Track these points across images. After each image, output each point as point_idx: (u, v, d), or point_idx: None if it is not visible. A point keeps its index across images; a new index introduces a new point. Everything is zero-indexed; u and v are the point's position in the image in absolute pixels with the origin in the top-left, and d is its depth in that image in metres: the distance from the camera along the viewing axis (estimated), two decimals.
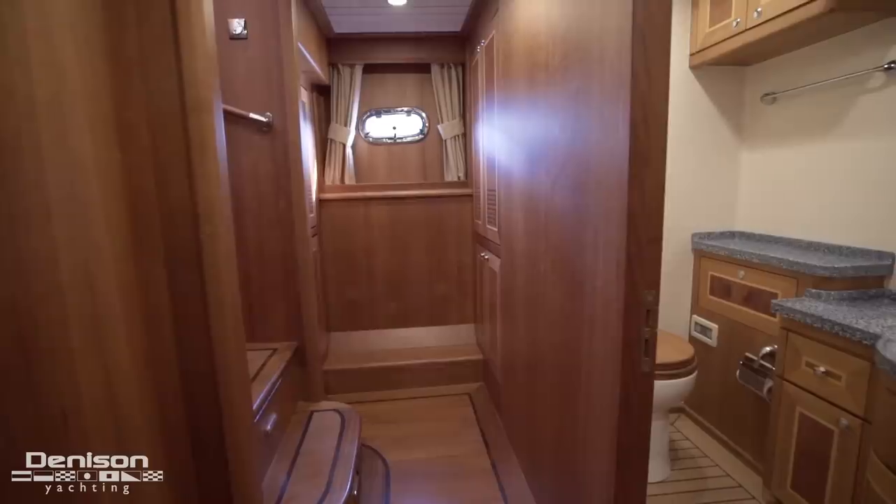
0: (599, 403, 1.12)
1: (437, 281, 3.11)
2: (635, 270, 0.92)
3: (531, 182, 1.60)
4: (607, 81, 0.99)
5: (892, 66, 1.54)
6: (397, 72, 3.06)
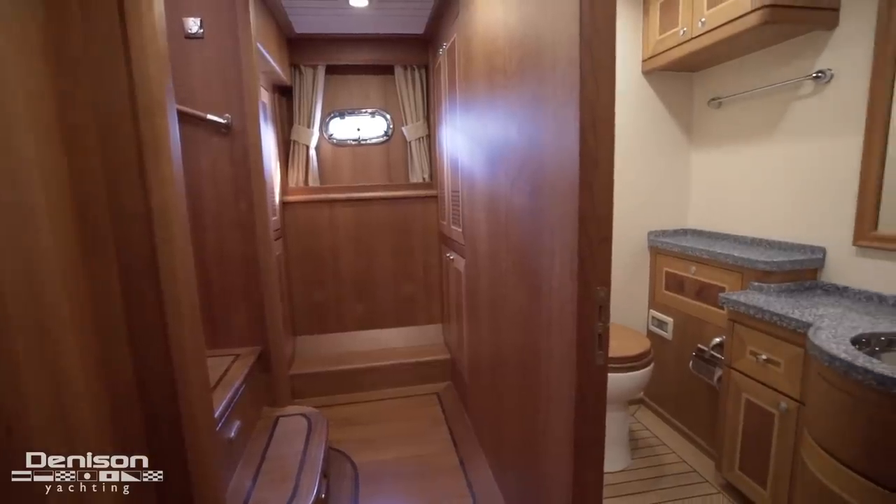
0: (558, 397, 1.16)
1: (403, 282, 3.12)
2: (587, 269, 0.96)
3: (492, 184, 1.64)
4: (559, 87, 1.03)
5: (819, 75, 1.67)
6: (361, 73, 3.05)
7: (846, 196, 1.62)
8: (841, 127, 1.63)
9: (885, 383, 1.01)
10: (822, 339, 1.23)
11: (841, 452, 1.16)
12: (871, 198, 1.54)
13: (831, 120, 1.67)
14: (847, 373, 1.10)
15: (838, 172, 1.65)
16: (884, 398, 1.03)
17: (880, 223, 1.53)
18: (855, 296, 1.61)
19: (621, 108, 2.28)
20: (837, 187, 1.65)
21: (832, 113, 1.66)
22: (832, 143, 1.67)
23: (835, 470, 1.17)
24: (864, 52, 1.54)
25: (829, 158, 1.68)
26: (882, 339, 1.29)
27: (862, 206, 1.57)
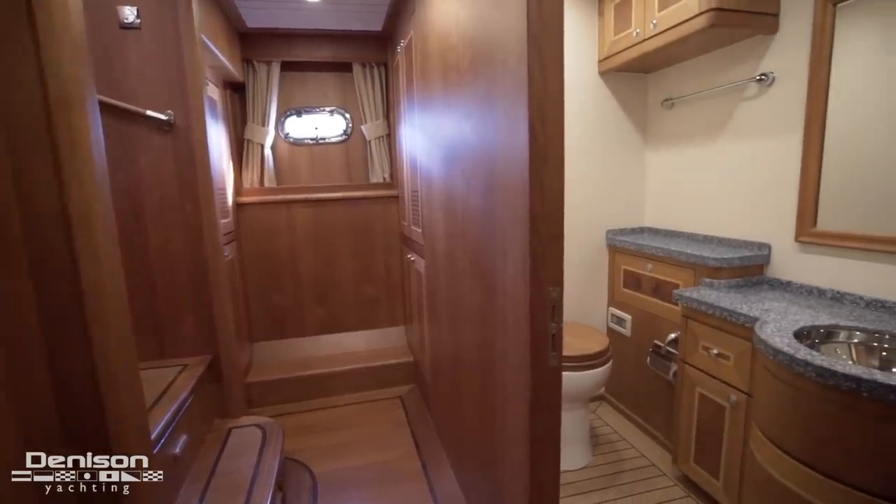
0: (514, 397, 1.14)
1: (365, 284, 3.06)
2: (539, 268, 0.94)
3: (449, 183, 1.62)
4: (509, 84, 1.01)
5: (762, 77, 1.73)
6: (318, 70, 2.97)
7: (789, 194, 1.69)
8: (783, 127, 1.70)
9: (824, 375, 1.05)
10: (768, 334, 1.26)
11: (784, 442, 1.19)
12: (811, 196, 1.61)
13: (774, 121, 1.73)
14: (790, 366, 1.13)
15: (782, 171, 1.71)
16: (822, 389, 1.07)
17: (819, 220, 1.60)
18: (797, 290, 1.67)
19: (578, 108, 2.32)
20: (781, 186, 1.72)
21: (774, 114, 1.73)
22: (775, 143, 1.73)
23: (779, 459, 1.20)
24: (802, 56, 1.61)
25: (772, 158, 1.75)
26: (821, 331, 1.34)
27: (803, 204, 1.64)
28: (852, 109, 1.49)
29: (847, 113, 1.50)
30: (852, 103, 1.48)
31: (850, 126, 1.49)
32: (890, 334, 1.28)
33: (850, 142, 1.49)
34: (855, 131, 1.48)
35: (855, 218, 1.50)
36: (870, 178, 1.45)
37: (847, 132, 1.50)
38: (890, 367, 1.25)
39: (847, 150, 1.51)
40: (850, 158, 1.50)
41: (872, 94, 1.43)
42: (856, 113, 1.48)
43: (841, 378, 1.02)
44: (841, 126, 1.52)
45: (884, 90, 1.40)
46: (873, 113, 1.43)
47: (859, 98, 1.47)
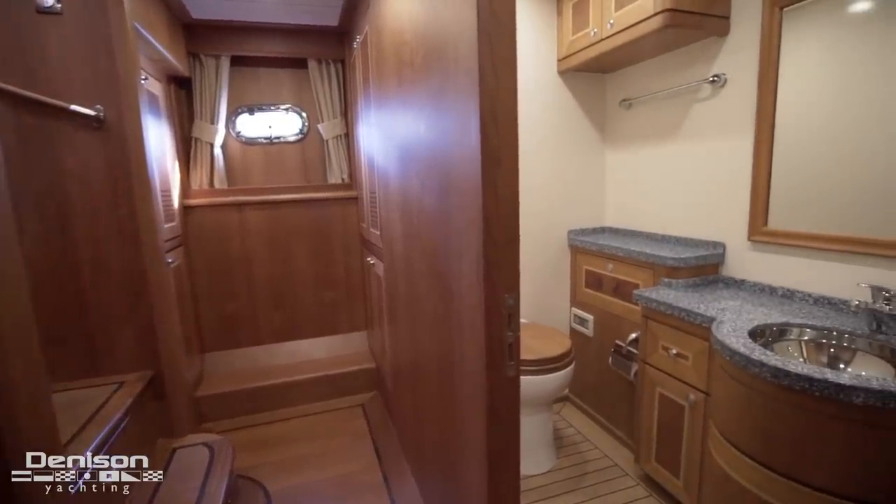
0: (471, 407, 1.09)
1: (324, 288, 2.95)
2: (494, 274, 0.89)
3: (405, 184, 1.55)
4: (462, 82, 0.96)
5: (715, 78, 1.76)
6: (272, 66, 2.83)
7: (742, 194, 1.72)
8: (735, 128, 1.72)
9: (778, 375, 1.05)
10: (724, 334, 1.26)
11: (740, 442, 1.20)
12: (762, 196, 1.64)
13: (726, 121, 1.76)
14: (745, 366, 1.13)
15: (735, 172, 1.74)
16: (777, 389, 1.07)
17: (770, 220, 1.63)
18: (751, 288, 1.70)
19: (538, 108, 2.30)
20: (734, 186, 1.75)
21: (727, 115, 1.75)
22: (728, 144, 1.76)
23: (736, 459, 1.20)
24: (752, 58, 1.63)
25: (726, 158, 1.78)
26: (774, 329, 1.36)
27: (754, 204, 1.67)
28: (799, 111, 1.52)
29: (795, 115, 1.53)
30: (799, 105, 1.52)
31: (798, 127, 1.53)
32: (837, 331, 1.30)
33: (798, 143, 1.53)
34: (802, 133, 1.52)
35: (803, 217, 1.53)
36: (816, 179, 1.49)
37: (795, 133, 1.54)
38: (838, 363, 1.28)
39: (795, 151, 1.54)
40: (798, 159, 1.53)
41: (817, 96, 1.46)
42: (802, 115, 1.51)
43: (794, 378, 1.02)
44: (790, 127, 1.55)
45: (827, 93, 1.44)
46: (818, 115, 1.47)
47: (805, 100, 1.50)
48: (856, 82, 1.37)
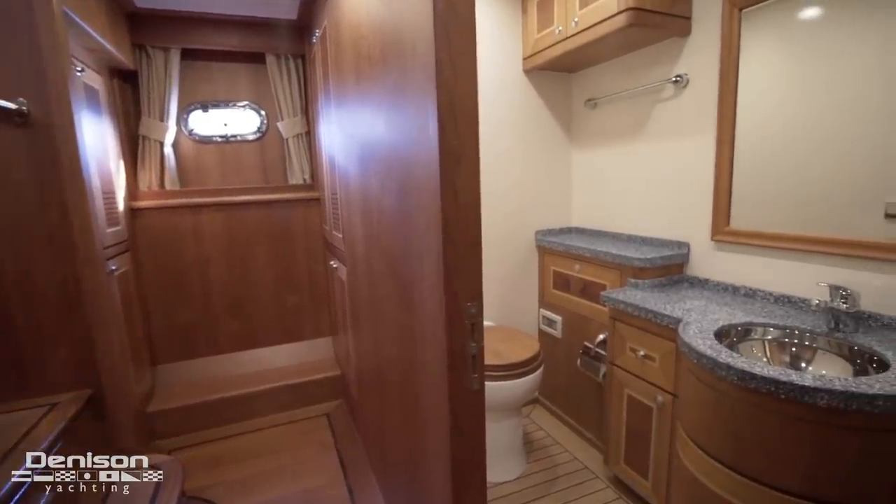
0: (435, 420, 1.03)
1: (286, 293, 2.82)
2: (455, 280, 0.84)
3: (365, 184, 1.48)
4: (419, 76, 0.89)
5: (678, 78, 1.76)
6: (227, 61, 2.68)
7: (705, 194, 1.72)
8: (697, 128, 1.73)
9: (745, 378, 1.04)
10: (691, 336, 1.25)
11: (707, 444, 1.18)
12: (724, 195, 1.65)
13: (689, 121, 1.76)
14: (713, 369, 1.11)
15: (698, 171, 1.75)
16: (743, 392, 1.06)
17: (732, 219, 1.64)
18: (714, 287, 1.71)
19: (504, 107, 2.26)
20: (698, 186, 1.76)
21: (690, 115, 1.76)
22: (691, 144, 1.77)
23: (702, 461, 1.19)
24: (713, 59, 1.64)
25: (689, 158, 1.78)
26: (739, 329, 1.36)
27: (717, 204, 1.68)
28: (759, 112, 1.53)
29: (755, 115, 1.55)
30: (759, 106, 1.53)
31: (758, 128, 1.54)
32: (798, 330, 1.31)
33: (759, 143, 1.54)
34: (762, 133, 1.53)
35: (764, 217, 1.55)
36: (776, 179, 1.50)
37: (755, 134, 1.55)
38: (800, 363, 1.29)
39: (756, 151, 1.55)
40: (758, 159, 1.55)
41: (776, 97, 1.48)
42: (762, 115, 1.52)
43: (761, 381, 1.01)
44: (750, 128, 1.56)
45: (785, 94, 1.45)
46: (777, 115, 1.48)
47: (765, 101, 1.51)
48: (811, 84, 1.39)
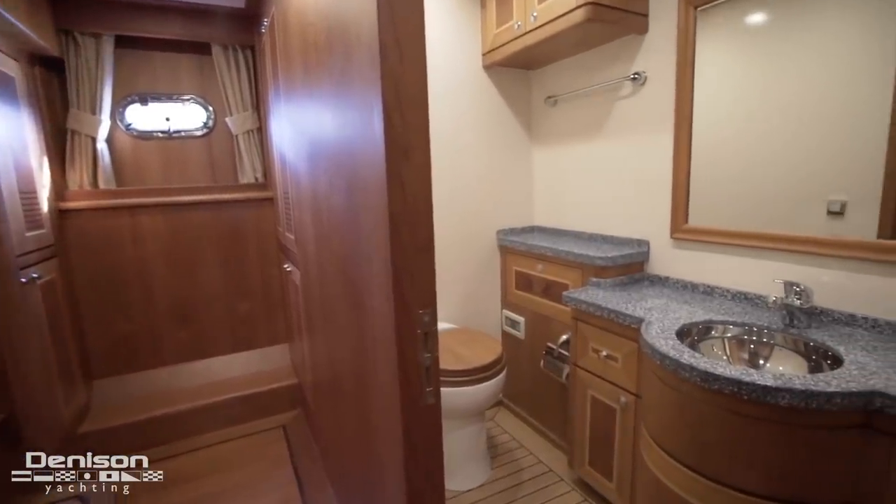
0: (388, 436, 0.95)
1: (238, 299, 2.66)
2: (405, 286, 0.76)
3: (314, 182, 1.38)
4: (365, 62, 0.81)
5: (636, 76, 1.75)
6: (169, 50, 2.50)
7: (664, 192, 1.72)
8: (656, 126, 1.73)
9: (708, 379, 1.01)
10: (653, 336, 1.23)
11: (670, 446, 1.16)
12: (682, 193, 1.65)
13: (648, 119, 1.76)
14: (676, 370, 1.09)
15: (657, 169, 1.74)
16: (706, 393, 1.04)
17: (690, 217, 1.64)
18: (674, 285, 1.71)
19: (464, 103, 2.20)
20: (657, 184, 1.75)
21: (648, 113, 1.76)
22: (650, 142, 1.76)
23: (665, 463, 1.17)
24: (669, 57, 1.64)
25: (648, 156, 1.78)
26: (699, 327, 1.36)
27: (676, 202, 1.68)
28: (714, 110, 1.54)
29: (711, 114, 1.55)
30: (714, 105, 1.54)
31: (714, 126, 1.54)
32: (756, 327, 1.32)
33: (715, 141, 1.55)
34: (718, 132, 1.54)
35: (721, 214, 1.55)
36: (732, 176, 1.51)
37: (712, 132, 1.55)
38: (758, 360, 1.29)
39: (713, 149, 1.56)
40: (715, 157, 1.55)
41: (731, 95, 1.49)
42: (718, 114, 1.53)
43: (724, 382, 0.99)
44: (706, 126, 1.57)
45: (738, 94, 1.46)
46: (733, 114, 1.49)
47: (720, 99, 1.52)
48: (760, 85, 1.40)
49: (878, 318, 1.21)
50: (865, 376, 0.97)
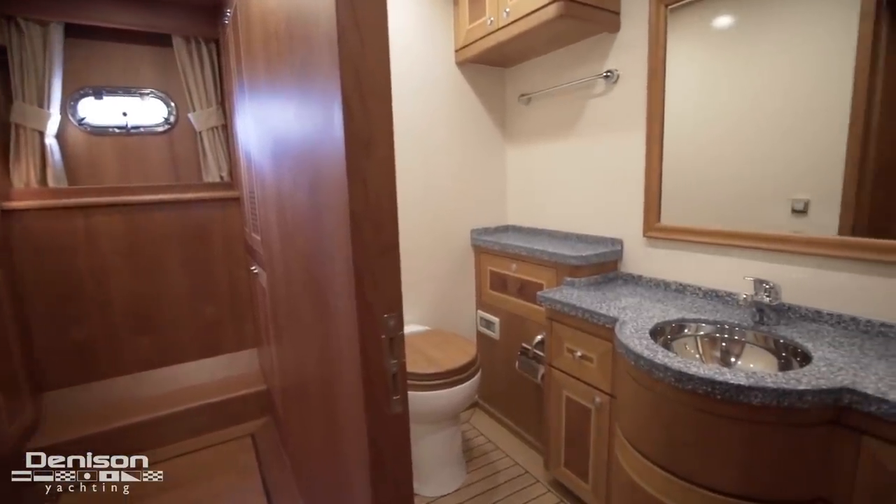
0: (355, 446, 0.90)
1: (204, 303, 2.55)
2: (367, 289, 0.71)
3: (278, 179, 1.31)
4: (325, 50, 0.76)
5: (608, 74, 1.75)
6: (126, 41, 2.36)
7: (637, 190, 1.72)
8: (629, 124, 1.72)
9: (682, 379, 1.00)
10: (627, 336, 1.21)
11: (644, 446, 1.15)
12: (655, 192, 1.65)
13: (620, 117, 1.75)
14: (650, 370, 1.07)
15: (630, 168, 1.74)
16: (681, 394, 1.03)
17: (663, 215, 1.64)
18: (647, 284, 1.72)
19: (438, 100, 2.15)
20: (630, 182, 1.75)
21: (620, 111, 1.75)
22: (623, 140, 1.76)
23: (642, 465, 1.15)
24: (641, 55, 1.64)
25: (621, 154, 1.77)
26: (673, 325, 1.35)
27: (648, 200, 1.68)
28: (686, 109, 1.54)
29: (682, 113, 1.55)
30: (686, 104, 1.54)
31: (686, 125, 1.55)
32: (728, 324, 1.32)
33: (687, 140, 1.55)
34: (690, 130, 1.54)
35: (693, 213, 1.56)
36: (704, 175, 1.52)
37: (684, 131, 1.56)
38: (730, 357, 1.29)
39: (684, 147, 1.56)
40: (686, 156, 1.56)
41: (701, 95, 1.49)
42: (689, 113, 1.53)
43: (698, 381, 0.98)
44: (678, 124, 1.57)
45: (708, 93, 1.47)
46: (703, 114, 1.49)
47: (691, 99, 1.52)
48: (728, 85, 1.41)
49: (842, 314, 1.23)
50: (834, 373, 0.98)
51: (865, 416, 0.88)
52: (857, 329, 1.20)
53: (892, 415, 0.84)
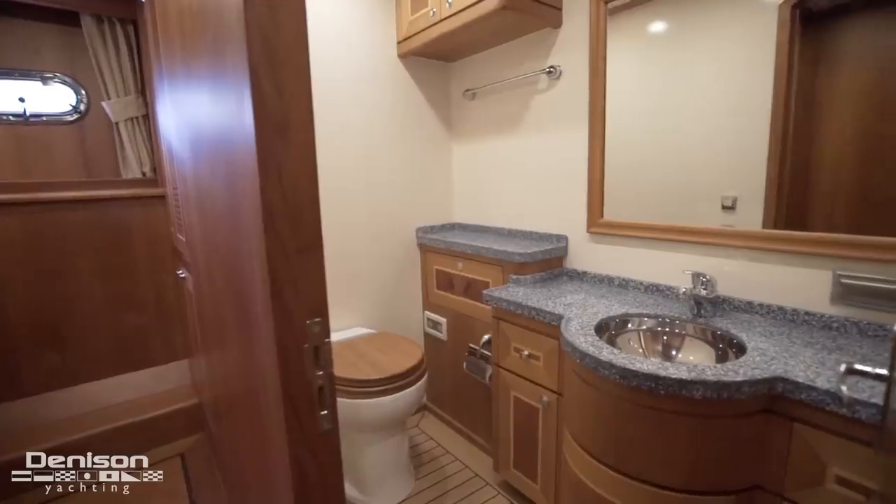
0: (282, 467, 0.80)
1: (125, 312, 2.31)
2: (286, 291, 0.63)
3: (197, 172, 1.19)
4: (234, 24, 0.66)
5: (551, 70, 1.74)
6: (23, 17, 2.09)
7: (581, 186, 1.72)
8: (572, 121, 1.72)
9: (626, 376, 0.99)
10: (573, 333, 1.19)
11: (593, 448, 1.13)
12: (598, 188, 1.66)
13: (564, 114, 1.75)
14: (595, 368, 1.06)
15: (574, 164, 1.74)
16: (625, 391, 1.01)
17: (606, 211, 1.66)
18: (592, 279, 1.72)
19: (378, 93, 2.06)
20: (574, 178, 1.75)
21: (564, 107, 1.75)
22: (567, 136, 1.76)
23: (589, 465, 1.14)
24: (583, 52, 1.64)
25: (565, 150, 1.77)
26: (617, 321, 1.35)
27: (591, 195, 1.68)
28: (626, 107, 1.56)
29: (623, 110, 1.57)
30: (625, 101, 1.55)
31: (626, 122, 1.56)
32: (669, 318, 1.34)
33: (627, 137, 1.57)
34: (630, 127, 1.56)
35: (634, 208, 1.58)
36: (644, 171, 1.54)
37: (624, 128, 1.57)
38: (671, 350, 1.31)
39: (625, 144, 1.58)
40: (627, 152, 1.57)
41: (639, 93, 1.51)
42: (629, 110, 1.55)
43: (642, 378, 0.96)
44: (619, 122, 1.58)
45: (646, 92, 1.49)
46: (641, 111, 1.51)
47: (630, 96, 1.54)
48: (664, 84, 1.44)
49: (770, 304, 1.27)
50: (767, 362, 1.00)
51: (796, 403, 0.90)
52: (785, 318, 1.25)
53: (821, 401, 0.86)
